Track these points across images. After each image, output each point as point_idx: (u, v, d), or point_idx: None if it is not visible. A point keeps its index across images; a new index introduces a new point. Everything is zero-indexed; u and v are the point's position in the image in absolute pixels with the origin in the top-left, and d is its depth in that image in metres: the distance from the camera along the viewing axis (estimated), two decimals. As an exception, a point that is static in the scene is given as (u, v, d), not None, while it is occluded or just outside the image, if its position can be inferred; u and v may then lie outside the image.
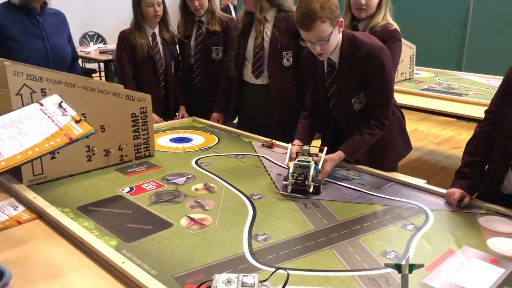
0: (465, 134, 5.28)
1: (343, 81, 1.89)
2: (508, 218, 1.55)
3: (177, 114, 2.88)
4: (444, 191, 1.73)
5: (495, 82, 3.97)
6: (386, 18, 2.25)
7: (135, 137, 2.04)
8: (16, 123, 1.46)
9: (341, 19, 1.77)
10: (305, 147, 1.80)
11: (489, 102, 3.51)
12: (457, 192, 1.63)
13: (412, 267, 1.05)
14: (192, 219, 1.53)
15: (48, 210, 1.53)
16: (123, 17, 7.79)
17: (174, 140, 2.37)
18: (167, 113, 2.84)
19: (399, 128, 2.06)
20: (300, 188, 1.71)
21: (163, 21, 2.76)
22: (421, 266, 1.08)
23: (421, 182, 1.85)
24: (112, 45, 6.14)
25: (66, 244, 1.39)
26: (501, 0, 5.23)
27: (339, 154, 1.83)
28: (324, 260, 1.30)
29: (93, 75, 5.90)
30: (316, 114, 2.05)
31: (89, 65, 6.74)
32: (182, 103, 2.83)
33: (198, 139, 2.38)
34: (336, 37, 1.79)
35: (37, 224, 1.52)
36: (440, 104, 3.32)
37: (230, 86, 2.68)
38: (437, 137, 5.17)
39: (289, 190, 1.70)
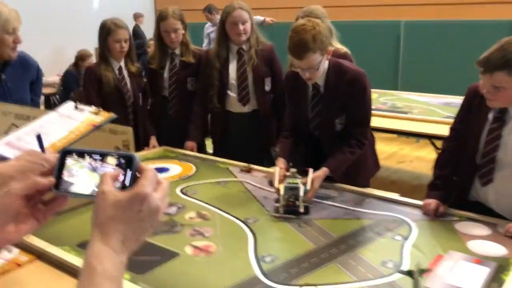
0: (407, 148, 5.66)
1: (327, 103, 2.03)
2: (479, 223, 1.74)
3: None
4: (419, 202, 1.90)
5: (433, 100, 4.34)
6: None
7: (119, 170, 2.05)
8: (39, 128, 1.51)
9: (330, 48, 1.93)
10: (292, 169, 1.91)
11: (431, 118, 3.81)
12: (432, 202, 1.80)
13: (422, 272, 1.18)
14: (196, 247, 1.57)
15: (48, 249, 1.52)
16: (57, 50, 7.66)
17: (152, 171, 2.39)
18: (136, 144, 2.84)
19: (370, 148, 2.23)
20: (291, 209, 1.80)
21: (129, 56, 2.80)
22: (429, 270, 1.21)
23: (396, 196, 2.02)
24: (50, 78, 5.96)
25: (73, 282, 1.38)
26: (428, 28, 5.78)
27: (324, 171, 1.94)
28: (332, 274, 1.40)
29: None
30: (296, 133, 2.18)
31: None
32: (153, 133, 2.86)
33: (175, 169, 2.42)
34: (324, 64, 1.95)
35: (37, 265, 1.49)
36: (385, 122, 3.56)
37: (205, 116, 2.79)
38: (383, 153, 5.50)
39: (281, 212, 1.79)
